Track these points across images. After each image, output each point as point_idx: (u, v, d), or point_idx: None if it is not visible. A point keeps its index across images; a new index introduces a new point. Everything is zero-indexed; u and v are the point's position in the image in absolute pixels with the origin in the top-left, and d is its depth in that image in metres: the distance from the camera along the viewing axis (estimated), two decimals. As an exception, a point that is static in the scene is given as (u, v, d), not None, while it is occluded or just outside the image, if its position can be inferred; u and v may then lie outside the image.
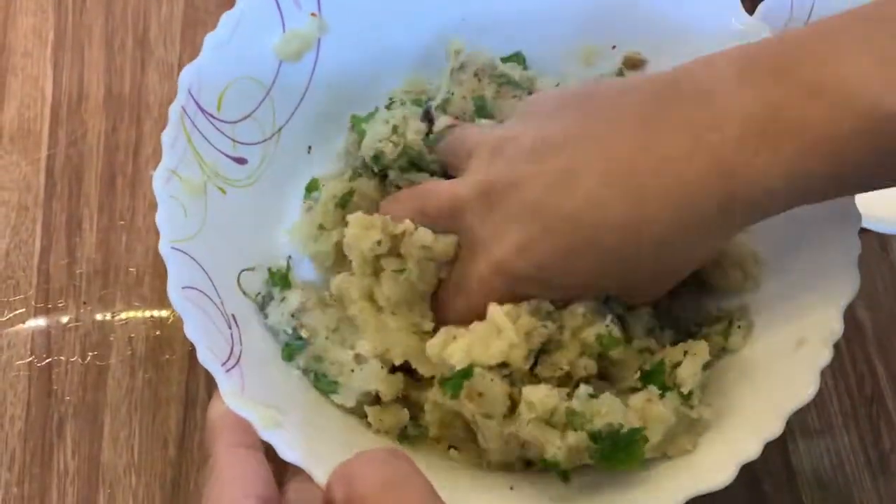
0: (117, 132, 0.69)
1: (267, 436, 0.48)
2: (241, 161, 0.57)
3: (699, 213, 0.46)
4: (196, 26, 0.72)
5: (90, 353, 0.63)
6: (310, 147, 0.61)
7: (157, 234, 0.65)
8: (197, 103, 0.54)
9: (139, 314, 0.65)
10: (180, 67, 0.69)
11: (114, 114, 0.70)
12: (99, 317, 0.64)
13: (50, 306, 0.64)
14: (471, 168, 0.54)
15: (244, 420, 0.48)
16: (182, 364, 0.63)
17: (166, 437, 0.61)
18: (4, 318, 0.64)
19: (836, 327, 0.51)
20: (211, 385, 0.62)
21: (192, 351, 0.63)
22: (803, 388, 0.50)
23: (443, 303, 0.55)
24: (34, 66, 0.71)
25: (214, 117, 0.55)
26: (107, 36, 0.72)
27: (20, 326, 0.64)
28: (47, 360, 0.63)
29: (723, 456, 0.49)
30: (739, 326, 0.55)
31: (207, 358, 0.49)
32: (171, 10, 0.73)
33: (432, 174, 0.58)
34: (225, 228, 0.55)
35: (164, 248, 0.51)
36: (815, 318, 0.52)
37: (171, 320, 0.64)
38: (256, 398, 0.49)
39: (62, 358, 0.63)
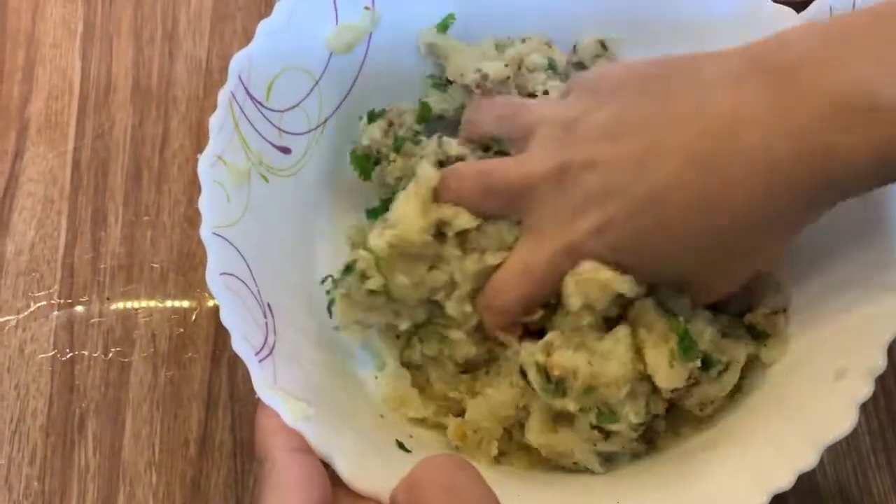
0: (144, 126, 0.69)
1: (296, 428, 0.47)
2: (285, 150, 0.56)
3: (786, 191, 0.46)
4: (225, 21, 0.72)
5: (112, 349, 0.62)
6: (354, 141, 0.60)
7: (182, 230, 0.66)
8: (246, 90, 0.53)
9: (162, 311, 0.64)
10: (209, 62, 0.71)
11: (141, 107, 0.69)
12: (122, 312, 0.63)
13: (73, 301, 0.64)
14: (535, 146, 0.52)
15: None
16: (205, 363, 0.62)
17: (187, 437, 0.61)
18: (28, 312, 0.63)
19: (879, 362, 0.49)
20: (233, 385, 0.62)
21: (215, 350, 0.63)
22: (840, 422, 0.48)
23: (497, 291, 0.53)
24: (62, 57, 0.70)
25: (263, 105, 0.54)
26: (136, 29, 0.71)
27: (43, 320, 0.63)
28: (70, 355, 0.62)
29: (754, 485, 0.48)
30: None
31: (241, 346, 0.48)
32: (200, 4, 0.72)
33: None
34: (266, 217, 0.54)
35: (205, 233, 0.50)
36: (857, 350, 0.50)
37: (194, 318, 0.63)
38: (287, 389, 0.48)
39: (85, 353, 0.62)
